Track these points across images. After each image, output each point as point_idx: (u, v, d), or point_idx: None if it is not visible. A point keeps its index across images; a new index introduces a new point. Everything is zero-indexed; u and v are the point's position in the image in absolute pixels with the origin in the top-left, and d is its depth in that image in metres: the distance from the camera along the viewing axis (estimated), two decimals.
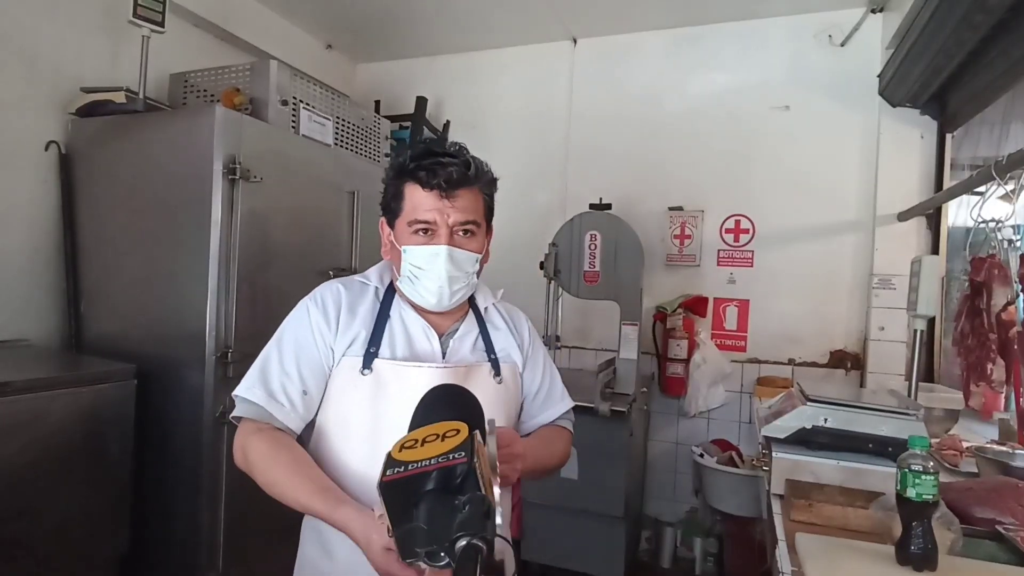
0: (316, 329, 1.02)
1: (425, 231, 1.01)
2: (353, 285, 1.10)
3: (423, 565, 0.61)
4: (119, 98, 2.12)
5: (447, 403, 0.75)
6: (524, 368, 1.15)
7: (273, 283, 2.06)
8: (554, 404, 1.19)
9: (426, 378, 0.97)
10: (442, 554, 0.59)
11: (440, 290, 1.02)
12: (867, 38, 2.78)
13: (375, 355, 1.01)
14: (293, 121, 2.25)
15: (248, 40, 2.87)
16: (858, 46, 2.79)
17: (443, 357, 1.05)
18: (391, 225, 1.07)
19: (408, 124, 3.24)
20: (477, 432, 0.66)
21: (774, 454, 1.36)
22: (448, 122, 3.44)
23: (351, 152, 2.56)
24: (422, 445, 0.64)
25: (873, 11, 2.74)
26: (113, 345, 2.04)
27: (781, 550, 1.06)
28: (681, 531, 3.00)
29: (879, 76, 2.69)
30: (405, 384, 0.98)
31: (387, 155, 2.83)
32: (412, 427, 0.72)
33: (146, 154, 2.02)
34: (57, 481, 1.63)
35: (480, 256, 1.06)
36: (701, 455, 2.74)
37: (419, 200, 1.00)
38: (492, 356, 1.10)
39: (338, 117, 2.48)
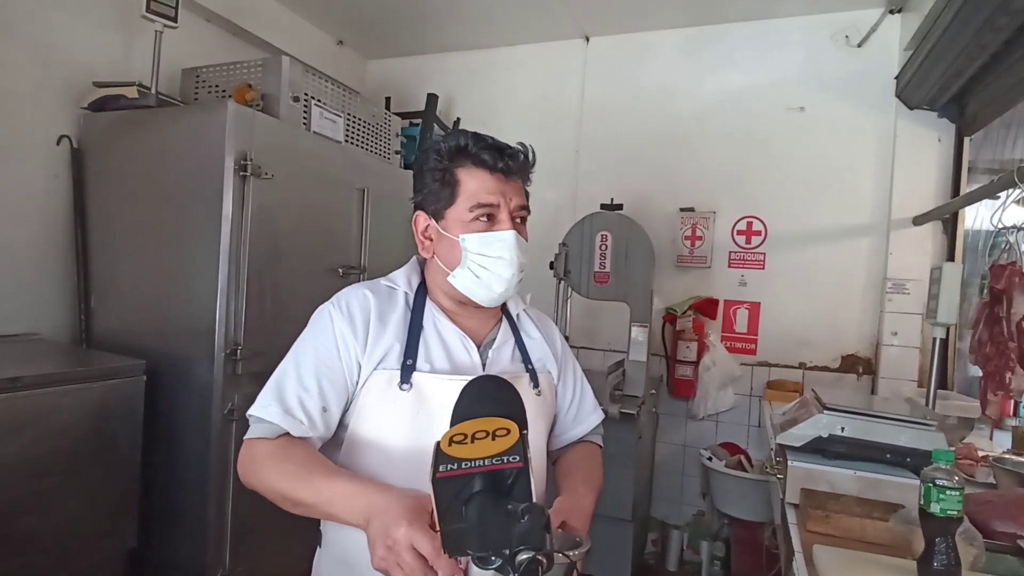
0: (340, 339, 0.94)
1: (488, 217, 0.94)
2: (380, 290, 1.00)
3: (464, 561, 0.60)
4: (131, 93, 2.11)
5: (493, 398, 0.73)
6: (558, 380, 1.11)
7: (283, 280, 2.06)
8: (586, 418, 1.16)
9: None
10: (493, 558, 0.57)
11: (510, 280, 0.95)
12: (885, 39, 2.73)
13: (414, 368, 0.94)
14: (304, 117, 2.24)
15: (260, 36, 2.87)
16: (875, 47, 2.75)
17: (483, 369, 0.99)
18: (437, 216, 0.97)
19: (418, 121, 3.22)
20: (526, 433, 0.64)
21: (789, 463, 1.34)
22: (458, 120, 3.42)
23: (362, 149, 2.55)
24: (472, 441, 0.62)
25: (891, 12, 2.70)
26: (123, 340, 2.05)
27: (798, 562, 1.04)
28: (688, 534, 2.98)
29: (896, 78, 2.65)
30: (448, 399, 0.88)
31: (397, 152, 2.82)
32: (456, 419, 0.70)
33: (158, 149, 2.01)
34: (66, 476, 1.63)
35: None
36: (709, 458, 2.72)
37: (482, 183, 0.94)
38: (529, 367, 1.04)
39: (349, 114, 2.47)
